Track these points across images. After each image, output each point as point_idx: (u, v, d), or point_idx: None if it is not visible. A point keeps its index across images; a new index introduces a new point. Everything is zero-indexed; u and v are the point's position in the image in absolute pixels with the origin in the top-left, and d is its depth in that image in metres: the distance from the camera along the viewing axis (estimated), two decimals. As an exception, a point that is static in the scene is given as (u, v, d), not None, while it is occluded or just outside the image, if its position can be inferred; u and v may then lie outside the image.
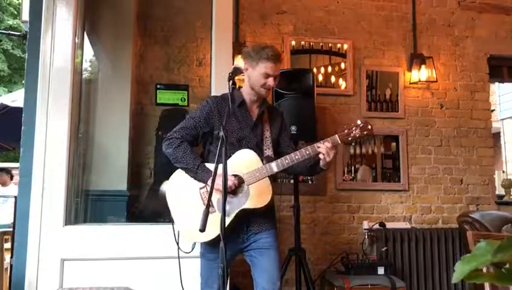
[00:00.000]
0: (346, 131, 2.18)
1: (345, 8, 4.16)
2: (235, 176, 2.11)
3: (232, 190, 2.09)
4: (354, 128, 2.18)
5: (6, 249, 3.95)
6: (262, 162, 2.18)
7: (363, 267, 3.41)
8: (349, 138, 2.18)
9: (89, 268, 2.53)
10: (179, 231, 2.24)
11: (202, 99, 2.83)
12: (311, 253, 3.75)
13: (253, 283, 2.22)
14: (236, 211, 2.12)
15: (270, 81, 2.19)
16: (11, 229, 3.76)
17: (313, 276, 3.44)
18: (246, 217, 2.18)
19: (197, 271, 2.27)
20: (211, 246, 2.16)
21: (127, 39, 3.63)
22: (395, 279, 3.34)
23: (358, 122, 2.20)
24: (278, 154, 2.26)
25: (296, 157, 2.15)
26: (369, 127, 2.19)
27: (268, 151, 2.24)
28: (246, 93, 2.28)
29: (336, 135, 2.17)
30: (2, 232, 3.97)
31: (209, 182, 2.10)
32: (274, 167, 2.15)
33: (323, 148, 2.12)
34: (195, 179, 2.16)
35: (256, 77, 2.19)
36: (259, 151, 2.22)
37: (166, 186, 2.25)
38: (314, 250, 3.81)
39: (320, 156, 2.14)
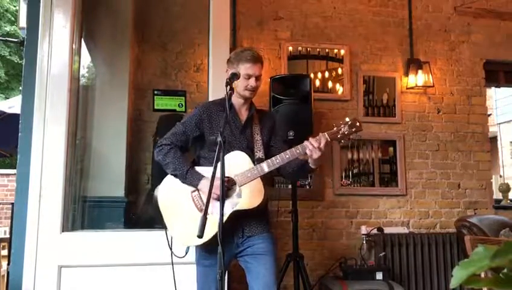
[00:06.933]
0: (335, 129, 2.22)
1: (342, 13, 4.18)
2: (227, 177, 2.11)
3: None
4: (342, 126, 2.21)
5: (3, 256, 3.94)
6: (254, 163, 2.19)
7: (361, 273, 3.41)
8: (338, 135, 2.21)
9: (87, 275, 2.52)
10: (172, 236, 2.24)
11: (199, 105, 2.83)
12: (309, 258, 3.73)
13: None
14: (229, 213, 2.12)
15: (252, 82, 2.24)
16: (7, 236, 3.75)
17: (311, 281, 3.43)
18: (239, 220, 2.17)
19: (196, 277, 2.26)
20: (206, 252, 2.17)
21: (125, 45, 3.63)
22: (394, 284, 3.33)
23: (347, 119, 2.24)
24: (270, 157, 2.24)
25: (287, 156, 2.17)
26: (358, 124, 2.23)
27: (260, 154, 2.24)
28: (234, 97, 2.32)
29: (325, 133, 2.19)
30: (-1, 239, 3.96)
31: (200, 186, 2.12)
32: (265, 166, 2.16)
33: (309, 143, 2.13)
34: (184, 183, 2.18)
35: (238, 79, 2.22)
36: (250, 153, 2.23)
37: (157, 192, 2.25)
38: (312, 255, 3.80)
39: (308, 151, 2.15)
